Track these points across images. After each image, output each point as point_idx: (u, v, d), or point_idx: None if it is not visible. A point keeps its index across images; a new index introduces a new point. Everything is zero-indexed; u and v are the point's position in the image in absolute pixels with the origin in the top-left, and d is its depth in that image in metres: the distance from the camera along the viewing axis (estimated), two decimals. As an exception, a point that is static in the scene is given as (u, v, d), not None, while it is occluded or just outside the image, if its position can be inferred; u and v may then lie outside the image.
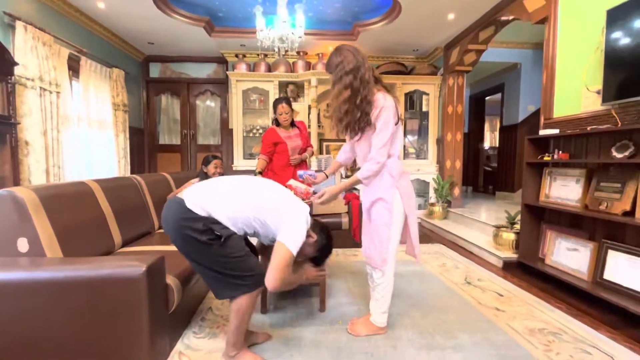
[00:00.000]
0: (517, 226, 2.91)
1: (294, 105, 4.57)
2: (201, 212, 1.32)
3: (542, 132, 2.63)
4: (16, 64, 2.64)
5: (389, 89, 1.64)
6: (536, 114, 5.06)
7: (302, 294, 2.21)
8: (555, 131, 2.52)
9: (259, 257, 1.75)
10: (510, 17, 3.41)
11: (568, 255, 2.41)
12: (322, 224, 1.64)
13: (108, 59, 4.17)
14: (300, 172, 1.91)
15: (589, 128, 2.27)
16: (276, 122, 2.82)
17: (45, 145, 2.98)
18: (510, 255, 2.86)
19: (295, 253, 1.32)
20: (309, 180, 1.86)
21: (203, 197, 1.36)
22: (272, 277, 1.30)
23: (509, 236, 2.91)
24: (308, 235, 1.46)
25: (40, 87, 2.94)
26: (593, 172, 2.33)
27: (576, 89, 2.51)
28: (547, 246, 2.61)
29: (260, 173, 2.84)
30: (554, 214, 2.66)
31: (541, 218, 2.75)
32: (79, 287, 1.29)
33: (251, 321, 1.85)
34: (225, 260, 1.34)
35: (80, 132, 3.65)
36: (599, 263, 2.18)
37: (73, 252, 1.55)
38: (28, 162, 2.85)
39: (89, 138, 3.81)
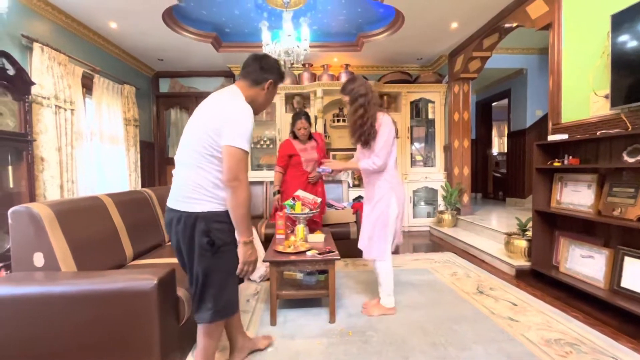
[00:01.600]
0: (529, 233, 2.86)
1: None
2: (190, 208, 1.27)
3: (551, 137, 2.60)
4: (33, 83, 2.74)
5: (387, 112, 2.08)
6: (544, 119, 5.01)
7: (312, 305, 2.19)
8: (565, 136, 2.49)
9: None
10: (514, 24, 3.42)
11: (583, 263, 2.35)
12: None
13: (120, 75, 4.30)
14: (319, 168, 2.19)
15: (598, 133, 2.24)
16: (293, 134, 2.88)
17: (59, 161, 3.07)
18: (523, 263, 2.80)
19: (245, 147, 1.23)
20: (324, 174, 2.23)
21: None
22: (229, 174, 1.22)
23: (521, 243, 2.86)
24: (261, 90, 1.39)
25: (56, 105, 3.04)
26: (605, 177, 2.29)
27: (584, 93, 2.49)
28: (561, 253, 2.55)
29: (279, 192, 2.89)
30: (566, 220, 2.61)
31: (553, 224, 2.70)
32: (92, 300, 1.31)
33: (259, 334, 1.85)
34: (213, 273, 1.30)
35: (93, 148, 3.74)
36: (615, 270, 2.13)
37: (87, 266, 1.58)
38: (43, 178, 2.93)
39: (102, 153, 3.90)
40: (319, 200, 2.47)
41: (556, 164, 2.52)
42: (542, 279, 2.61)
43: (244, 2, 3.60)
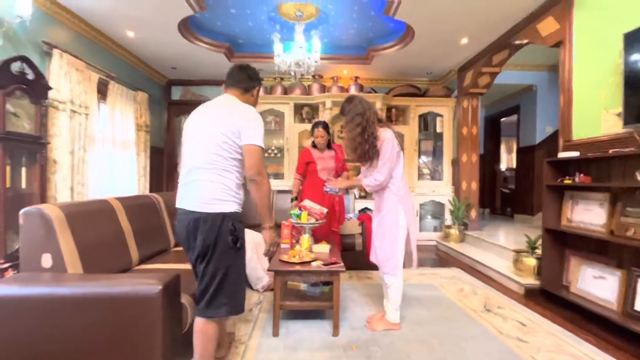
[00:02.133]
0: (539, 251, 2.80)
1: (308, 126, 4.67)
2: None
3: (562, 154, 2.58)
4: (50, 88, 2.82)
5: (389, 125, 2.06)
6: (554, 136, 4.97)
7: (315, 317, 2.16)
8: (576, 154, 2.46)
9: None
10: (524, 41, 3.43)
11: (595, 284, 2.29)
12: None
13: (134, 82, 4.41)
14: (326, 188, 2.16)
15: (610, 151, 2.21)
16: (313, 143, 2.92)
17: (71, 164, 3.12)
18: (532, 281, 2.74)
19: (263, 145, 1.40)
20: (332, 195, 2.21)
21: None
22: (254, 169, 1.36)
23: (530, 261, 2.80)
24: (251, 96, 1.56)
25: (71, 110, 3.12)
26: (617, 197, 2.24)
27: (595, 111, 2.47)
28: (572, 273, 2.49)
29: (296, 198, 2.92)
30: (577, 239, 2.55)
31: (564, 243, 2.64)
32: (97, 303, 1.31)
33: (261, 344, 1.82)
34: (233, 269, 1.39)
35: (104, 152, 3.81)
36: (628, 292, 2.06)
37: (93, 269, 1.58)
38: (55, 180, 2.98)
39: (112, 157, 3.96)
40: (325, 210, 2.46)
41: (567, 182, 2.48)
42: (552, 299, 2.54)
43: (257, 14, 3.69)
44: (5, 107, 2.39)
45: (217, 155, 1.35)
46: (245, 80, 1.53)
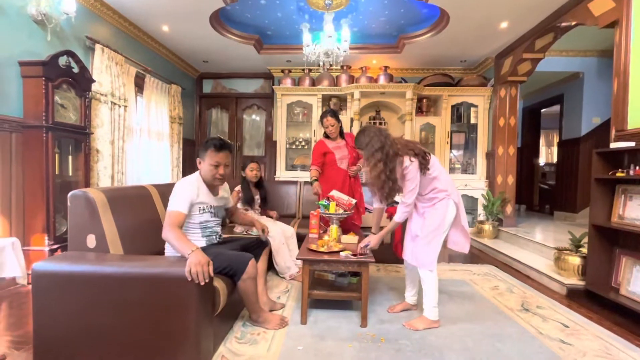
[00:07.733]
0: (584, 250, 2.60)
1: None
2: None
3: (614, 145, 2.36)
4: (93, 81, 2.98)
5: (406, 148, 1.88)
6: (603, 127, 4.59)
7: (341, 307, 2.15)
8: (631, 144, 2.25)
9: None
10: (573, 23, 3.16)
11: (650, 286, 2.09)
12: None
13: (168, 76, 4.56)
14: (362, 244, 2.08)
15: (674, 140, 2.00)
16: (325, 134, 2.89)
17: (112, 153, 3.30)
18: (576, 282, 2.56)
19: (174, 209, 1.66)
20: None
21: None
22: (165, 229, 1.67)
23: (574, 260, 2.61)
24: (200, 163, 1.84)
25: (111, 102, 3.28)
26: (681, 191, 2.02)
27: (656, 97, 2.23)
28: (622, 274, 2.29)
29: (316, 180, 2.88)
30: (630, 238, 2.34)
31: (614, 241, 2.44)
32: (136, 282, 1.37)
33: (289, 332, 1.84)
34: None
35: (140, 142, 3.99)
36: (691, 297, 1.86)
37: (131, 250, 1.66)
38: (97, 168, 3.16)
39: (148, 148, 4.14)
40: (353, 201, 2.42)
41: (619, 175, 2.27)
42: (599, 301, 2.36)
43: (286, 5, 3.67)
44: (54, 98, 2.55)
45: None
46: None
